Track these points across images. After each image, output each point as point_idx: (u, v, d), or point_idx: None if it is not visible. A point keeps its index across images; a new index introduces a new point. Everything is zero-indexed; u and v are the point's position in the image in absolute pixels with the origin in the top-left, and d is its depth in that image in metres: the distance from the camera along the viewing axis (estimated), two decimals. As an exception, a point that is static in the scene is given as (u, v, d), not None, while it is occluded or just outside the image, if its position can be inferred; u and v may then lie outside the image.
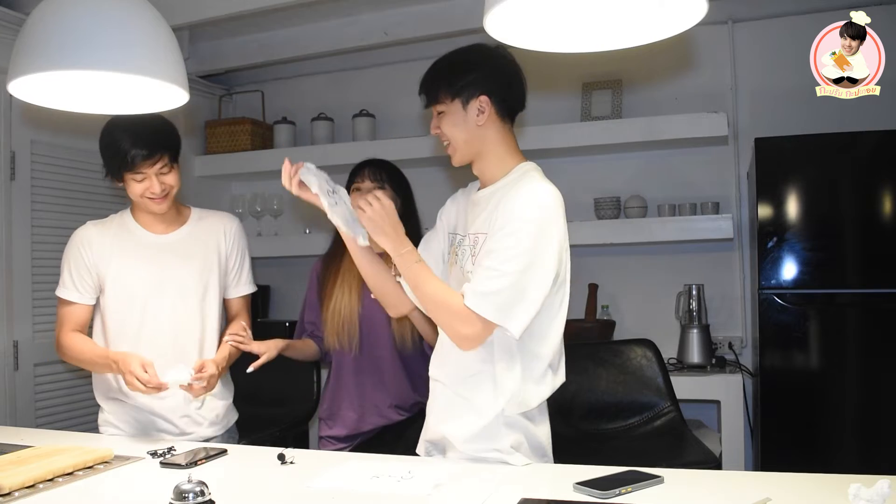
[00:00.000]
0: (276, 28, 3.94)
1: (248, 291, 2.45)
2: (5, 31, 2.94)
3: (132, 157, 2.11)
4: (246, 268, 2.44)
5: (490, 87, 1.80)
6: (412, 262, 1.77)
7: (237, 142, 4.23)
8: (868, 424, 2.95)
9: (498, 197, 1.80)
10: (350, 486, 1.57)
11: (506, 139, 1.86)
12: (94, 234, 2.26)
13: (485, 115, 1.80)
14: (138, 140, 2.11)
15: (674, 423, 2.90)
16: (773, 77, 3.58)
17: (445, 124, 1.84)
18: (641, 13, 1.57)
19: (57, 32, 1.69)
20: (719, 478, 1.77)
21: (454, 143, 1.85)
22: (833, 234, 3.04)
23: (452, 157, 1.88)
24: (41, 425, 3.14)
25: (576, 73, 3.80)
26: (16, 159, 3.16)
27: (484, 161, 1.86)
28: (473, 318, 1.68)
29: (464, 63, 1.84)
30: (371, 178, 2.56)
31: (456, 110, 1.81)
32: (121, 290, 2.22)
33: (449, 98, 1.81)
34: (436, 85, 1.83)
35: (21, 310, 3.17)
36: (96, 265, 2.22)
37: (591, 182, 3.81)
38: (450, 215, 2.03)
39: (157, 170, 2.15)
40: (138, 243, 2.26)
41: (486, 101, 1.80)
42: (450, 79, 1.81)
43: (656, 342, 3.10)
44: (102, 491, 1.63)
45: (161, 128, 2.19)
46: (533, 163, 1.89)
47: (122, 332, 2.22)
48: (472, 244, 1.82)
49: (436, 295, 1.75)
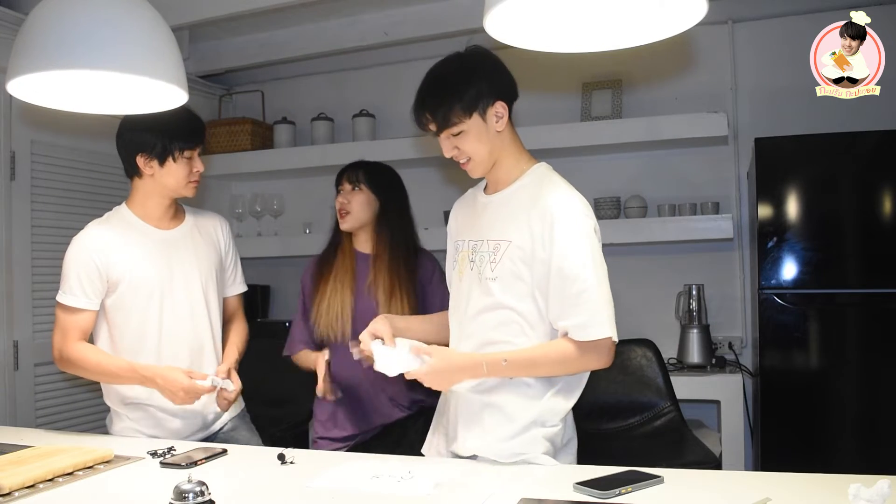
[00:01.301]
0: (276, 28, 3.94)
1: (243, 289, 2.51)
2: (5, 30, 2.94)
3: (191, 131, 2.20)
4: (239, 266, 2.50)
5: (500, 90, 1.78)
6: (502, 366, 1.72)
7: (237, 142, 4.23)
8: (868, 424, 2.95)
9: (519, 201, 1.78)
10: (350, 486, 1.57)
11: (515, 139, 1.86)
12: (99, 234, 2.20)
13: (503, 119, 1.78)
14: (192, 121, 2.21)
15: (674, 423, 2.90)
16: (773, 77, 3.58)
17: (466, 143, 1.77)
18: (641, 13, 1.57)
19: (56, 32, 1.69)
20: (719, 478, 1.78)
21: (477, 158, 1.80)
22: (833, 234, 3.04)
23: (472, 171, 1.83)
24: (41, 425, 3.13)
25: (576, 72, 3.80)
26: (16, 159, 3.16)
27: (500, 166, 1.84)
28: (601, 347, 1.71)
29: (463, 77, 1.77)
30: (348, 180, 2.61)
31: (475, 125, 1.76)
32: (136, 285, 2.18)
33: (466, 116, 1.75)
34: (445, 109, 1.75)
35: (21, 310, 3.16)
36: (107, 265, 2.16)
37: (590, 182, 3.79)
38: (455, 223, 2.01)
39: (200, 151, 2.26)
40: (145, 238, 2.24)
41: (503, 105, 1.78)
42: (459, 96, 1.74)
43: (656, 342, 3.10)
44: (103, 491, 1.63)
45: (197, 116, 2.30)
46: (545, 163, 1.88)
47: (144, 329, 2.19)
48: (491, 250, 1.79)
49: (550, 362, 1.73)
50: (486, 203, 1.88)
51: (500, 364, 1.71)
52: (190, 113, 2.19)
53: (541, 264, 1.72)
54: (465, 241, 1.90)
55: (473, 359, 1.74)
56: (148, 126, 2.17)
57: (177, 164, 2.20)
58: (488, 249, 1.80)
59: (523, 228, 1.75)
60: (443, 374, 1.73)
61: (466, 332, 1.84)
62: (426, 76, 1.82)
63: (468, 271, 1.85)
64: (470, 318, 1.83)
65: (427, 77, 1.82)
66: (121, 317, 2.19)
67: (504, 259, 1.76)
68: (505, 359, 1.71)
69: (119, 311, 2.19)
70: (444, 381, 1.75)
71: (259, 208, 4.27)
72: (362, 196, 2.59)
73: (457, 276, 1.91)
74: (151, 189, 2.24)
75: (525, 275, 1.75)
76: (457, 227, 2.00)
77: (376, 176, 2.64)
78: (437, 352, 1.74)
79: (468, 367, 1.73)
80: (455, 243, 1.97)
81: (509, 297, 1.76)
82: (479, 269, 1.81)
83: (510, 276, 1.76)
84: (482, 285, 1.79)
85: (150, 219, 2.27)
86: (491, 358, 1.72)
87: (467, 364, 1.74)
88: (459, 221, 1.99)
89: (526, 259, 1.74)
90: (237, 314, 2.49)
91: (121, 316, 2.19)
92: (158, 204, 2.26)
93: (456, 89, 1.75)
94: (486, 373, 1.72)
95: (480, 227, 1.86)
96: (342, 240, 2.65)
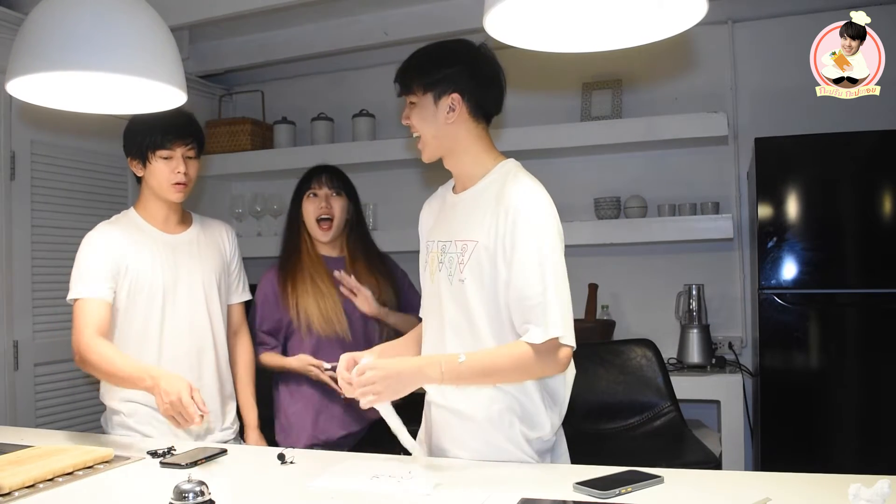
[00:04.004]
0: (276, 28, 3.94)
1: (246, 298, 2.52)
2: (4, 30, 2.94)
3: (165, 131, 2.18)
4: (243, 275, 2.51)
5: (464, 86, 1.77)
6: (455, 367, 1.64)
7: (237, 142, 4.23)
8: (868, 424, 2.95)
9: (486, 199, 1.76)
10: (350, 487, 1.57)
11: (480, 139, 1.82)
12: (111, 232, 2.23)
13: (455, 113, 1.77)
14: (172, 120, 2.18)
15: (674, 423, 2.90)
16: (773, 77, 3.58)
17: (415, 116, 1.81)
18: (641, 13, 1.57)
19: (55, 33, 1.69)
20: (719, 478, 1.78)
21: (424, 138, 1.81)
22: (833, 234, 3.04)
23: (422, 151, 1.84)
24: (41, 425, 3.13)
25: (576, 72, 3.80)
26: (16, 159, 3.16)
27: (456, 159, 1.83)
28: (552, 349, 1.66)
29: (441, 58, 1.80)
30: (329, 184, 2.56)
31: (427, 104, 1.78)
32: (140, 286, 2.20)
33: (421, 90, 1.78)
34: (410, 75, 1.80)
35: (21, 310, 3.16)
36: (119, 263, 2.18)
37: (590, 182, 3.81)
38: (426, 223, 1.99)
39: (185, 151, 2.22)
40: (153, 241, 2.26)
41: (458, 100, 1.76)
42: (425, 71, 1.78)
43: (656, 342, 3.10)
44: (103, 491, 1.63)
45: (191, 119, 2.29)
46: (513, 160, 1.85)
47: (146, 330, 2.21)
48: (459, 251, 1.76)
49: (507, 367, 1.67)
50: (454, 202, 1.86)
51: (457, 362, 1.64)
52: (173, 112, 2.09)
53: (503, 265, 1.69)
54: (434, 241, 1.87)
55: (428, 359, 1.69)
56: (132, 128, 2.23)
57: (155, 165, 2.20)
58: (457, 250, 1.77)
59: (489, 228, 1.72)
60: (387, 381, 1.62)
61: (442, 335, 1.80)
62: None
63: (437, 272, 1.82)
64: (445, 321, 1.79)
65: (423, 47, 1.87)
66: (122, 317, 2.21)
67: (471, 260, 1.73)
68: (459, 361, 1.64)
69: (121, 312, 2.21)
70: (391, 389, 1.63)
71: (259, 208, 4.27)
72: (342, 202, 2.57)
73: (428, 277, 1.88)
74: (149, 192, 2.28)
75: (491, 275, 1.71)
76: (427, 227, 1.97)
77: (347, 181, 2.63)
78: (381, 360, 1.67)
79: (420, 369, 1.66)
80: (426, 244, 1.93)
81: (478, 299, 1.73)
82: (447, 271, 1.78)
83: (478, 277, 1.73)
84: (453, 287, 1.77)
85: (156, 222, 2.29)
86: (448, 357, 1.66)
87: (419, 366, 1.67)
88: (430, 221, 1.97)
89: (491, 259, 1.71)
90: (241, 329, 2.51)
91: (122, 316, 2.21)
92: (159, 207, 2.29)
93: (425, 64, 1.80)
94: (443, 372, 1.64)
95: (449, 227, 1.83)
96: (302, 245, 2.59)
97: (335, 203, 2.55)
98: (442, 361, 1.65)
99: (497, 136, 2.12)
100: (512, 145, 3.06)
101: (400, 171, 4.04)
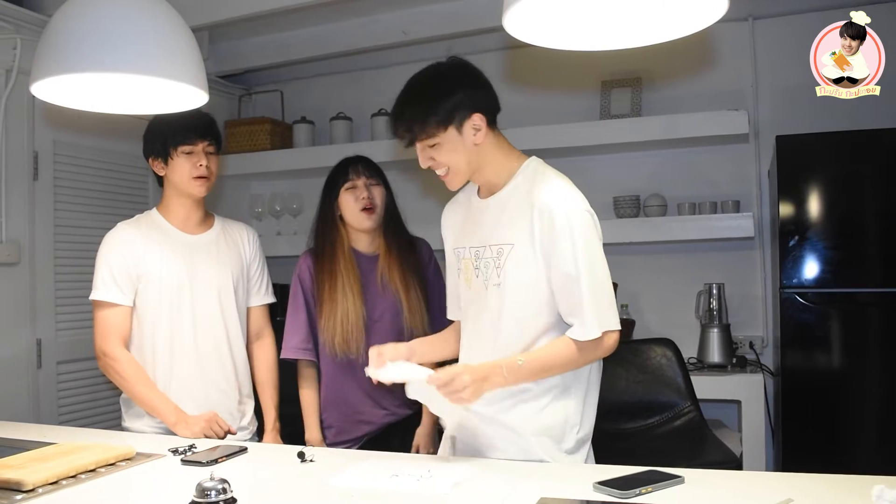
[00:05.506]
0: (295, 28, 3.96)
1: (270, 300, 2.53)
2: (28, 32, 2.96)
3: (186, 128, 2.22)
4: (266, 277, 2.52)
5: (476, 102, 1.74)
6: (518, 367, 1.69)
7: (256, 141, 4.25)
8: (891, 424, 2.92)
9: (516, 202, 1.76)
10: (370, 485, 1.58)
11: (500, 145, 1.82)
12: (129, 231, 2.28)
13: (481, 132, 1.75)
14: (192, 118, 2.22)
15: (694, 423, 2.88)
16: (794, 74, 3.53)
17: (442, 154, 1.76)
18: (661, 10, 1.57)
19: (78, 35, 1.71)
20: (740, 478, 1.76)
21: (455, 169, 1.78)
22: (855, 233, 3.00)
23: (450, 182, 1.81)
24: (64, 422, 3.17)
25: (595, 70, 3.78)
26: (38, 159, 3.19)
27: (482, 172, 1.81)
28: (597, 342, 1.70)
29: (437, 90, 1.75)
30: (366, 174, 2.49)
31: (451, 137, 1.73)
32: (154, 286, 2.24)
33: (442, 128, 1.72)
34: (418, 122, 1.73)
35: (44, 308, 3.20)
36: (136, 263, 2.23)
37: (610, 180, 3.79)
38: (450, 227, 1.98)
39: (205, 146, 2.26)
40: (171, 240, 2.29)
41: (480, 117, 1.74)
42: (432, 109, 1.72)
43: (676, 341, 3.08)
44: (125, 488, 1.64)
45: (210, 118, 2.34)
46: (536, 157, 1.85)
47: (157, 329, 2.24)
48: (495, 255, 1.77)
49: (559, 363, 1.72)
50: (482, 208, 1.85)
51: (517, 365, 1.69)
52: (191, 112, 2.14)
53: (544, 265, 1.71)
54: (465, 247, 1.87)
55: (494, 364, 1.70)
56: (152, 129, 2.27)
57: (177, 161, 2.24)
58: (492, 255, 1.77)
59: (524, 230, 1.72)
60: (476, 385, 1.65)
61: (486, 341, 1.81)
62: (404, 87, 1.81)
63: (474, 279, 1.82)
64: (486, 327, 1.80)
65: (405, 88, 1.80)
66: (135, 315, 2.25)
67: (508, 263, 1.74)
68: (520, 362, 1.69)
69: (135, 309, 2.25)
70: (479, 391, 1.67)
71: (278, 207, 4.29)
72: (381, 190, 2.50)
73: (464, 284, 1.88)
74: (171, 191, 2.31)
75: (530, 276, 1.73)
76: (453, 233, 1.96)
77: (381, 170, 2.56)
78: (460, 365, 1.72)
79: (492, 374, 1.68)
80: (455, 251, 1.93)
81: (518, 302, 1.74)
82: (484, 276, 1.79)
83: (516, 279, 1.74)
84: (489, 292, 1.77)
85: (177, 222, 2.32)
86: (507, 362, 1.70)
87: (491, 371, 1.69)
88: (456, 227, 1.96)
89: (529, 261, 1.72)
90: (264, 332, 2.51)
91: (135, 314, 2.25)
92: (181, 206, 2.31)
93: (431, 101, 1.73)
94: (506, 376, 1.68)
95: (480, 232, 1.83)
96: (339, 238, 2.49)
97: (375, 192, 2.48)
98: (503, 365, 1.69)
99: (516, 135, 2.11)
100: (531, 144, 3.02)
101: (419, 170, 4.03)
